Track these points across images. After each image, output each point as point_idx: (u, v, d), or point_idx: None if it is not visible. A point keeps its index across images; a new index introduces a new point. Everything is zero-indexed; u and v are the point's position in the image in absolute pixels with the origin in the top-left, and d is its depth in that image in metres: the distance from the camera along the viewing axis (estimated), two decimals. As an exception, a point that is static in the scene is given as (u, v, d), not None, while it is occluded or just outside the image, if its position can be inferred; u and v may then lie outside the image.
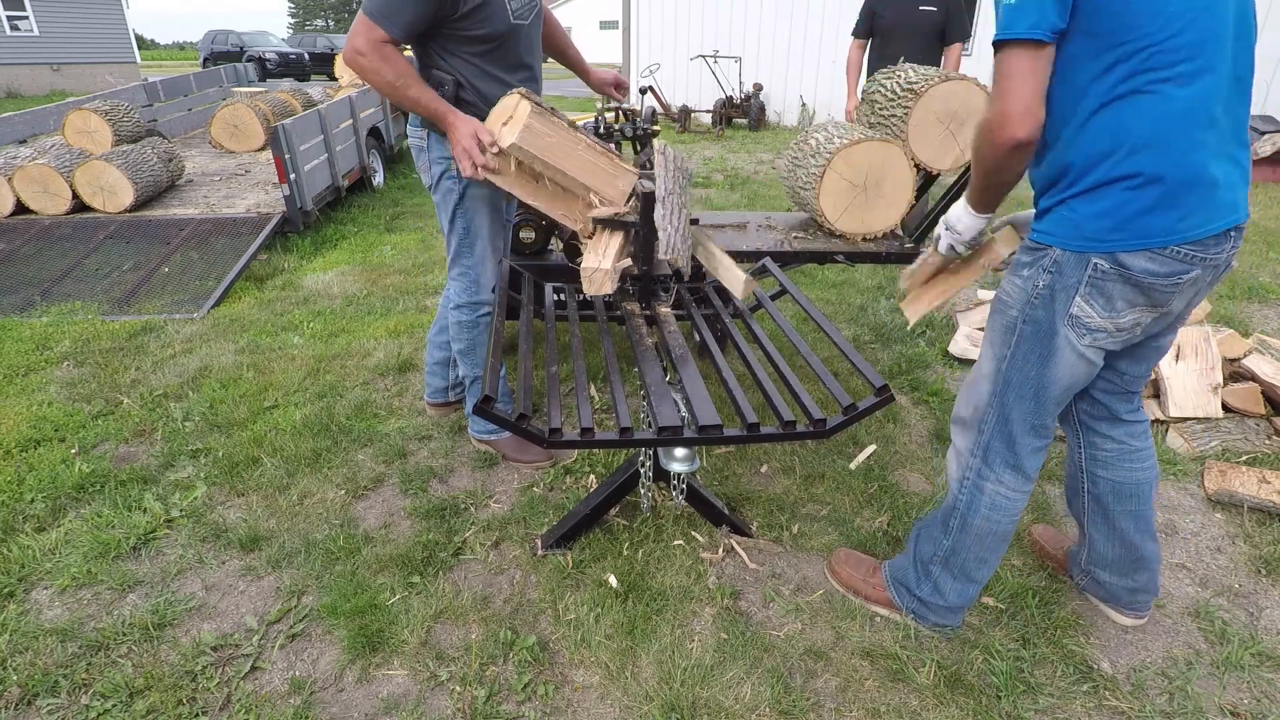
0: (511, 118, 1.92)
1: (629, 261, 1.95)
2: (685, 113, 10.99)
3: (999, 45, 1.25)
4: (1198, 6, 1.20)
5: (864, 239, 2.53)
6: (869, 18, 4.45)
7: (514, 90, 1.98)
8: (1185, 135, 1.23)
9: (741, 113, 11.18)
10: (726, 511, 2.09)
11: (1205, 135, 1.24)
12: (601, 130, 3.13)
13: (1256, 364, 2.71)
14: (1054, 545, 1.99)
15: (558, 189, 1.99)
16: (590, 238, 2.04)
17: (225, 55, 20.97)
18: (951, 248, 1.61)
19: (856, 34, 4.58)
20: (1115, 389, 1.63)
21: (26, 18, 16.58)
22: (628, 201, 2.01)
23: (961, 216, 1.54)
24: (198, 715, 1.57)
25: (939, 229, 1.63)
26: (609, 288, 1.86)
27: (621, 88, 2.68)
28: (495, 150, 1.91)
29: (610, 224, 1.99)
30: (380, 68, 1.93)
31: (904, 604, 1.79)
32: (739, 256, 2.50)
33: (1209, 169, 1.26)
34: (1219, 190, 1.27)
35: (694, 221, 2.21)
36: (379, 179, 6.80)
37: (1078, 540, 1.85)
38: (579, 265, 1.89)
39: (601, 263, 1.86)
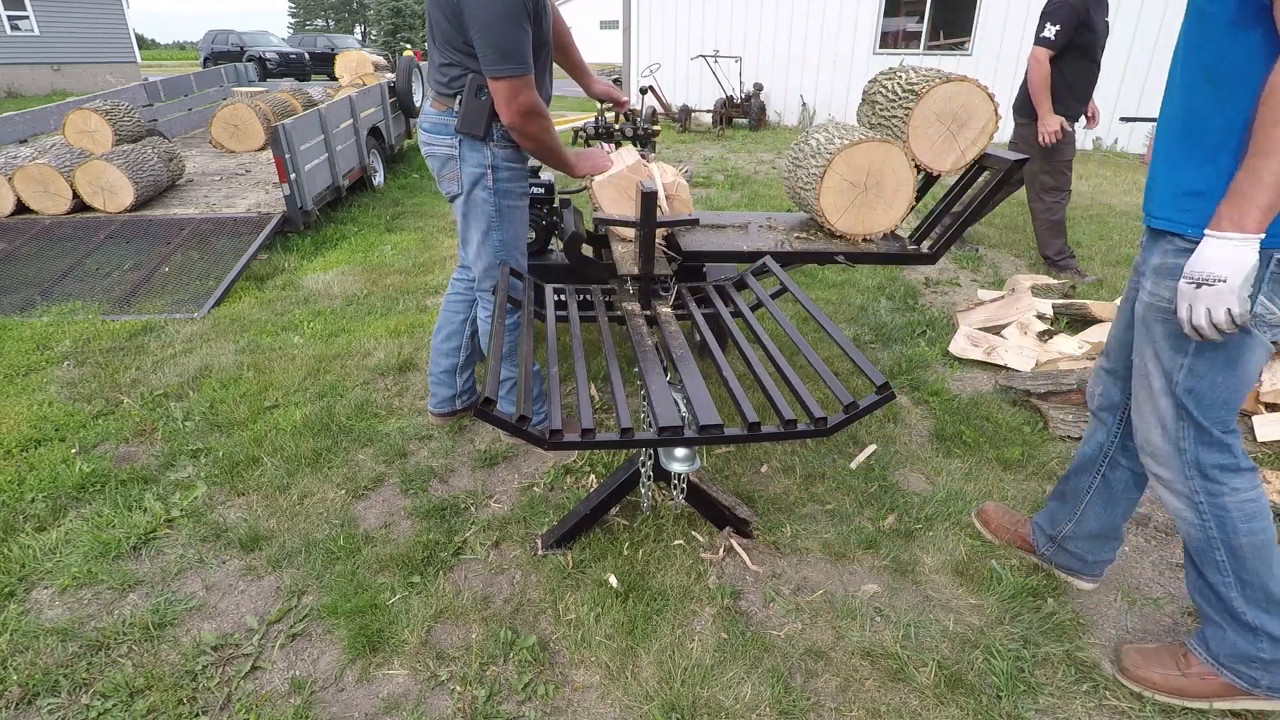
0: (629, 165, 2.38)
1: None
2: (686, 112, 10.99)
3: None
4: None
5: (864, 239, 2.53)
6: None
7: (640, 159, 2.42)
8: None
9: (742, 113, 11.18)
10: (731, 508, 2.09)
11: None
12: (602, 130, 3.13)
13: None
14: (1009, 520, 2.07)
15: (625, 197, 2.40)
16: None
17: (226, 55, 20.97)
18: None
19: None
20: None
21: (27, 17, 16.58)
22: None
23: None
24: (198, 715, 1.58)
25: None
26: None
27: (619, 103, 2.72)
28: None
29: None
30: (549, 124, 1.96)
31: (1252, 681, 1.51)
32: (740, 257, 2.50)
33: None
34: None
35: (695, 221, 2.21)
36: (379, 179, 6.80)
37: (1050, 514, 1.92)
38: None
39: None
